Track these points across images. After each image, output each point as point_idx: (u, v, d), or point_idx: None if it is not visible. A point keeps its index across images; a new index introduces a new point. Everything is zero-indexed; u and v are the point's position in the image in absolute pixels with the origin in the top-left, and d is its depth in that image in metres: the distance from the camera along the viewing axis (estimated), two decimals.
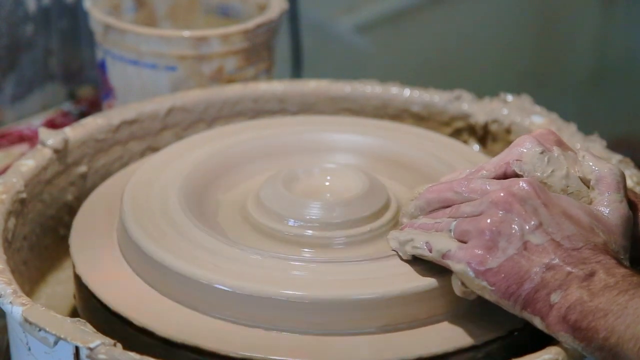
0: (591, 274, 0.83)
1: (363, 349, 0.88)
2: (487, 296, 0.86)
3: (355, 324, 0.89)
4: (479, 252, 0.85)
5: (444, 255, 0.88)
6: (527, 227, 0.85)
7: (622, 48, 2.21)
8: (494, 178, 0.91)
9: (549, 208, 0.86)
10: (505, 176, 0.91)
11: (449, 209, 0.91)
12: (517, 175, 0.91)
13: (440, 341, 0.89)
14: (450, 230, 0.89)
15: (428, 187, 0.94)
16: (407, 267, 0.92)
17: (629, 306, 0.80)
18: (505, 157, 0.92)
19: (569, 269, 0.84)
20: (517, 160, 0.91)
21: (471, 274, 0.86)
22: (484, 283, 0.85)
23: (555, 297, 0.83)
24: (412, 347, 0.88)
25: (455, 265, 0.87)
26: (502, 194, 0.87)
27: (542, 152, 0.91)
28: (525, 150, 0.91)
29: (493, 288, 0.85)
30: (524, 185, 0.87)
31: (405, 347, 0.88)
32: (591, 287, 0.82)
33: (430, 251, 0.89)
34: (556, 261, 0.84)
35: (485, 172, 0.92)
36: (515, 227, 0.85)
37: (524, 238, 0.85)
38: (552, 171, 0.90)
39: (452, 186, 0.92)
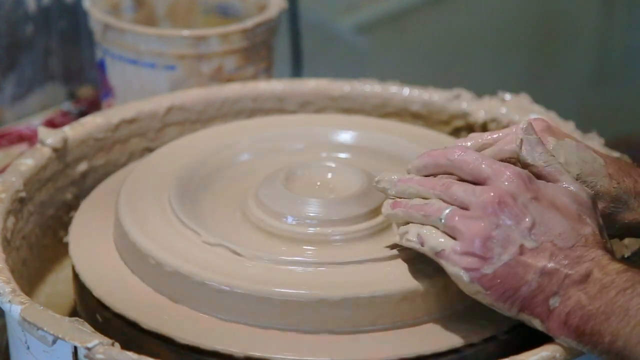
0: (587, 275, 0.83)
1: (359, 347, 0.88)
2: (480, 299, 0.85)
3: (350, 323, 0.90)
4: (474, 258, 0.83)
5: (437, 254, 0.86)
6: (521, 231, 0.83)
7: (622, 48, 2.20)
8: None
9: (539, 201, 0.84)
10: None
11: (439, 181, 0.88)
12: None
13: (437, 340, 0.89)
14: (440, 220, 0.86)
15: (428, 151, 0.90)
16: (400, 268, 0.93)
17: (630, 307, 0.80)
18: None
19: (564, 272, 0.83)
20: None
21: (466, 279, 0.84)
22: (479, 288, 0.84)
23: (553, 302, 0.83)
24: (410, 346, 0.89)
25: (449, 268, 0.85)
26: (492, 194, 0.84)
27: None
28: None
29: (488, 292, 0.84)
30: (513, 178, 0.84)
31: (403, 346, 0.89)
32: (588, 290, 0.82)
33: (423, 245, 0.87)
34: (551, 265, 0.83)
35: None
36: (509, 232, 0.83)
37: (518, 242, 0.83)
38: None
39: (446, 153, 0.88)
